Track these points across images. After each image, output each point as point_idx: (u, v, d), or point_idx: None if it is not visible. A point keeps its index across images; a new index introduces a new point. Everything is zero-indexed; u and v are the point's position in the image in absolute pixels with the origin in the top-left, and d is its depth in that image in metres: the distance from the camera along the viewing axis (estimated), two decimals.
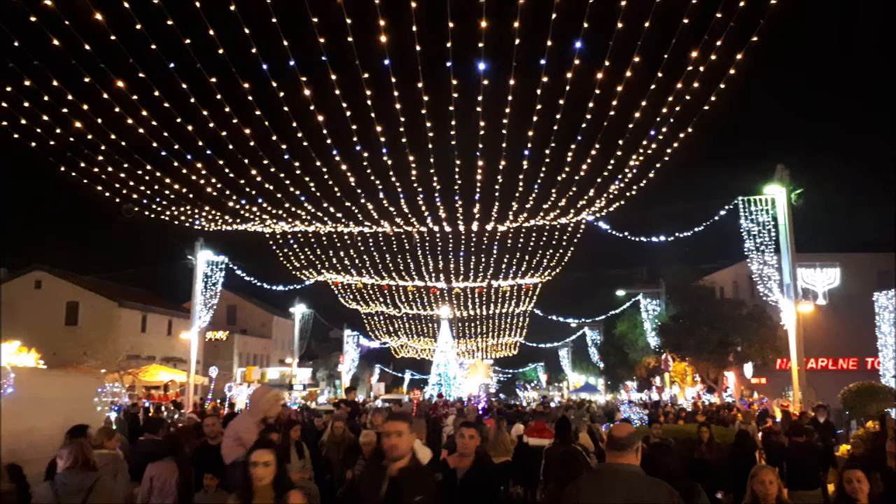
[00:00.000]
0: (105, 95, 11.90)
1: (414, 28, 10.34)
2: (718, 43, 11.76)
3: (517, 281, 39.25)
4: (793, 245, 22.25)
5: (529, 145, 15.39)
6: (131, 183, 16.51)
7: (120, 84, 11.76)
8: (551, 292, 47.32)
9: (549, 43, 10.75)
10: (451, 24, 10.24)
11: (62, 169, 14.67)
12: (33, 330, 31.47)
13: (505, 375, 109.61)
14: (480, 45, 10.79)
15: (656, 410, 24.74)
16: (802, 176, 22.84)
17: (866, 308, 28.48)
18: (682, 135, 15.20)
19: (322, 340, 67.49)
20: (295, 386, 47.93)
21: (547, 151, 16.12)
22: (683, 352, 35.06)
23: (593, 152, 16.18)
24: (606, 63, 11.72)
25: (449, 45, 10.71)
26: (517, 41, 10.61)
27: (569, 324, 61.01)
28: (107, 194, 16.62)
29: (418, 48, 10.80)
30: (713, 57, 11.71)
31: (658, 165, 17.48)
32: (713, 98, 13.10)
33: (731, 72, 12.03)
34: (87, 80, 11.35)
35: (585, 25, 10.39)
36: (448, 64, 11.41)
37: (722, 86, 12.62)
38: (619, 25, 10.50)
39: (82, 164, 14.70)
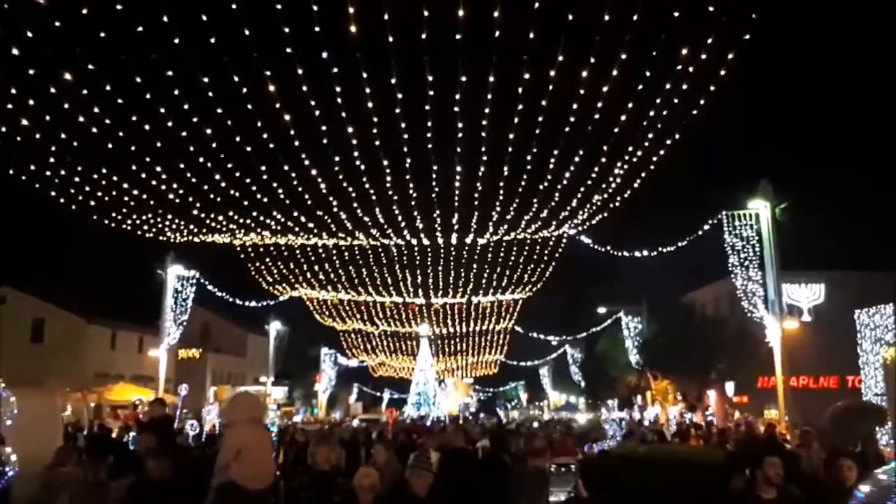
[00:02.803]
0: (52, 90, 11.04)
1: (385, 16, 9.66)
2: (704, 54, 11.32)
3: (497, 297, 38.60)
4: (777, 260, 21.93)
5: (510, 149, 14.73)
6: (87, 188, 15.60)
7: (67, 76, 10.88)
8: (532, 309, 46.70)
9: (531, 35, 10.10)
10: (426, 13, 9.57)
11: (10, 173, 13.73)
12: None
13: (485, 394, 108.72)
14: (458, 36, 10.13)
15: (639, 429, 24.15)
16: (787, 191, 22.56)
17: (847, 325, 28.13)
18: (668, 141, 14.66)
19: (299, 358, 66.18)
20: (269, 406, 46.64)
21: (528, 158, 15.49)
22: (665, 370, 34.60)
23: (577, 159, 15.58)
24: (592, 60, 11.12)
25: (424, 36, 10.04)
26: (497, 33, 9.95)
27: (549, 341, 60.38)
28: (61, 200, 15.70)
29: (391, 39, 10.11)
30: (703, 56, 11.19)
31: (643, 175, 16.92)
32: (702, 101, 12.58)
33: (722, 72, 11.50)
34: (30, 71, 10.50)
35: (570, 17, 9.77)
36: (424, 58, 10.73)
37: (711, 88, 12.11)
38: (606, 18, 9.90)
39: (32, 167, 13.80)
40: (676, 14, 10.01)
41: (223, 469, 7.21)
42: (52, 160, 13.75)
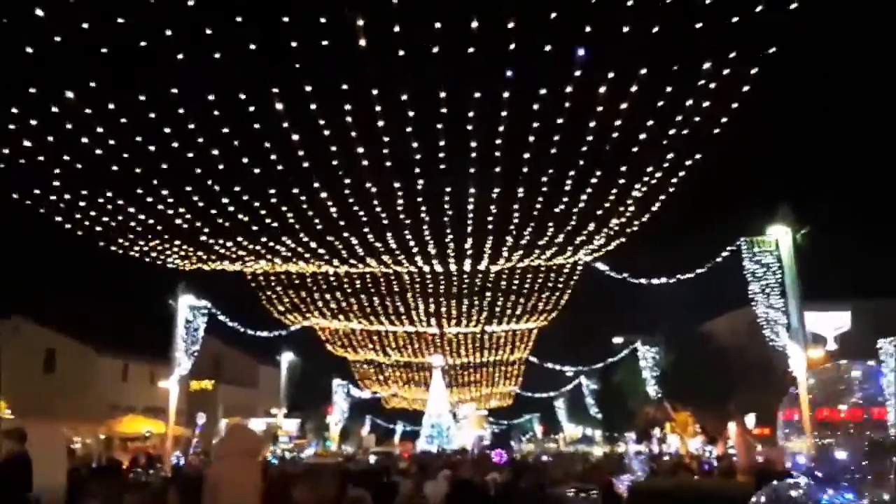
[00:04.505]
0: (54, 108, 10.77)
1: (396, 28, 9.36)
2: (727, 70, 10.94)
3: (511, 326, 37.94)
4: (799, 288, 21.33)
5: (525, 169, 14.32)
6: (92, 213, 15.33)
7: (69, 94, 10.62)
8: (546, 339, 45.89)
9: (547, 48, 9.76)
10: (437, 25, 9.26)
11: (14, 196, 13.46)
12: (10, 377, 30.29)
13: (500, 427, 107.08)
14: (471, 49, 9.79)
15: (658, 462, 23.49)
16: (808, 216, 21.95)
17: (871, 356, 27.26)
18: (688, 162, 14.20)
19: (311, 390, 65.49)
20: (280, 438, 45.98)
21: (544, 179, 15.07)
22: (684, 401, 33.77)
23: (594, 180, 15.14)
24: (611, 75, 10.74)
25: (435, 49, 9.71)
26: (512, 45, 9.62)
27: (564, 372, 59.31)
28: (67, 226, 15.45)
29: (402, 52, 9.80)
30: (725, 71, 10.80)
31: (662, 197, 16.44)
32: (724, 119, 12.16)
33: (745, 88, 11.09)
34: (31, 90, 10.25)
35: (588, 30, 9.43)
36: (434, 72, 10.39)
37: (734, 105, 11.69)
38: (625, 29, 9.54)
39: (36, 191, 13.53)
40: (698, 26, 9.64)
41: None
42: (56, 183, 13.54)
